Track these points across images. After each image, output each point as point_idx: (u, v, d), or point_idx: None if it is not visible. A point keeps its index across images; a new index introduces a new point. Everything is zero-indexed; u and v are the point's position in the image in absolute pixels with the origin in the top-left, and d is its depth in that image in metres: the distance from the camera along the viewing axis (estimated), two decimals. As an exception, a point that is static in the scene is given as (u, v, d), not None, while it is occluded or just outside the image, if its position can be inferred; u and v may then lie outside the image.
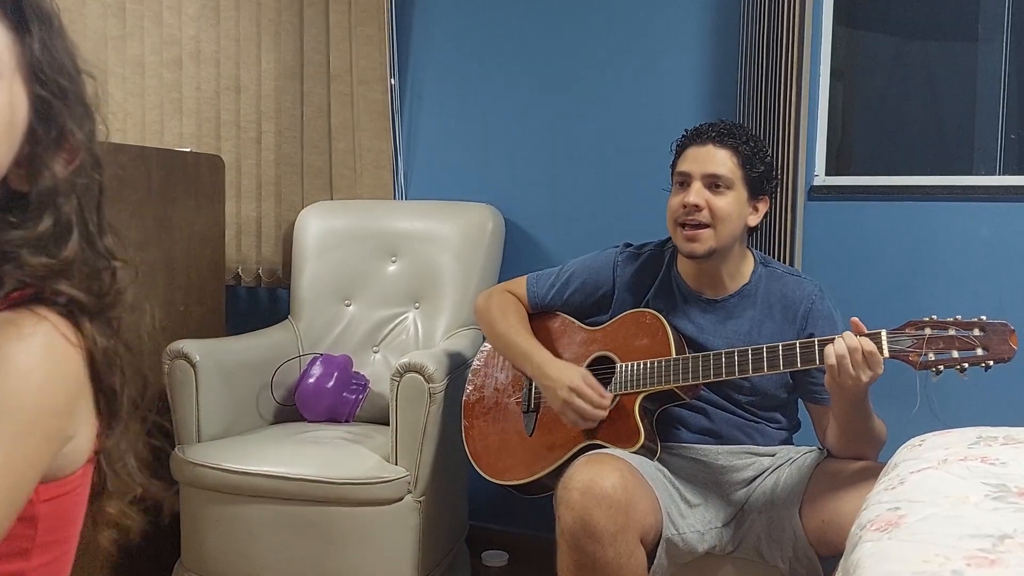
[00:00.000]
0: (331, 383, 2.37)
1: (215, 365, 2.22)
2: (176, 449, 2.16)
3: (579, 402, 1.74)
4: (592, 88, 2.55)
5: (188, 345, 2.20)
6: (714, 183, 1.74)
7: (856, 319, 1.55)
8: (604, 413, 1.74)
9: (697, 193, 1.74)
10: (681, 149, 1.82)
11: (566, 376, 1.77)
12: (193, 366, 2.17)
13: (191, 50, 2.91)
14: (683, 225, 1.76)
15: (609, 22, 2.52)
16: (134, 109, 3.00)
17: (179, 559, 2.18)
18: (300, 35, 2.76)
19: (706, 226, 1.74)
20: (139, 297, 0.78)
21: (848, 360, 1.49)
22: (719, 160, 1.75)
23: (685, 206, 1.74)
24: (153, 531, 0.88)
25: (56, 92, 0.73)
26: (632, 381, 1.76)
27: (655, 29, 2.47)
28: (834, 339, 1.53)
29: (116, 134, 2.91)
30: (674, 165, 1.83)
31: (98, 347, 0.72)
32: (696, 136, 1.79)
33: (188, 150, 2.73)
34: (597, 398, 1.74)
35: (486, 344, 2.06)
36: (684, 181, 1.78)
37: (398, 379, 2.02)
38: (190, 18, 2.91)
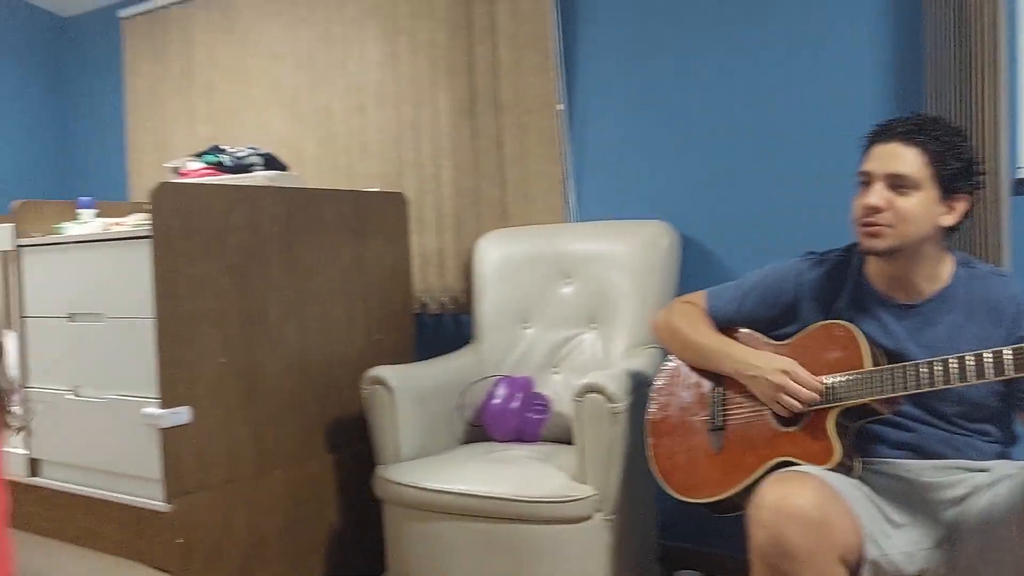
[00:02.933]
0: (515, 404, 2.44)
1: (409, 389, 2.35)
2: (377, 469, 2.29)
3: (793, 384, 1.70)
4: (763, 93, 2.49)
5: (384, 371, 2.35)
6: (897, 183, 1.66)
7: None
8: (818, 396, 1.69)
9: (878, 194, 1.66)
10: (867, 146, 1.74)
11: (776, 361, 1.74)
12: (390, 390, 2.31)
13: (374, 95, 3.11)
14: (865, 226, 1.69)
15: (776, 21, 2.46)
16: (326, 154, 3.24)
17: (384, 571, 2.31)
18: (472, 72, 2.88)
19: (888, 228, 1.66)
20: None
21: None
22: (904, 159, 1.65)
23: (865, 207, 1.67)
24: (361, 545, 0.97)
25: None
26: (826, 395, 1.70)
27: (827, 23, 2.39)
28: None
29: (311, 178, 3.16)
30: (861, 163, 1.76)
31: None
32: (881, 133, 1.71)
33: (375, 190, 2.91)
34: (812, 380, 1.69)
35: (667, 362, 2.05)
36: (866, 181, 1.70)
37: (580, 400, 2.05)
38: (372, 65, 3.11)
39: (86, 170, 4.24)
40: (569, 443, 2.16)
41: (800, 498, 1.48)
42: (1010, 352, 1.47)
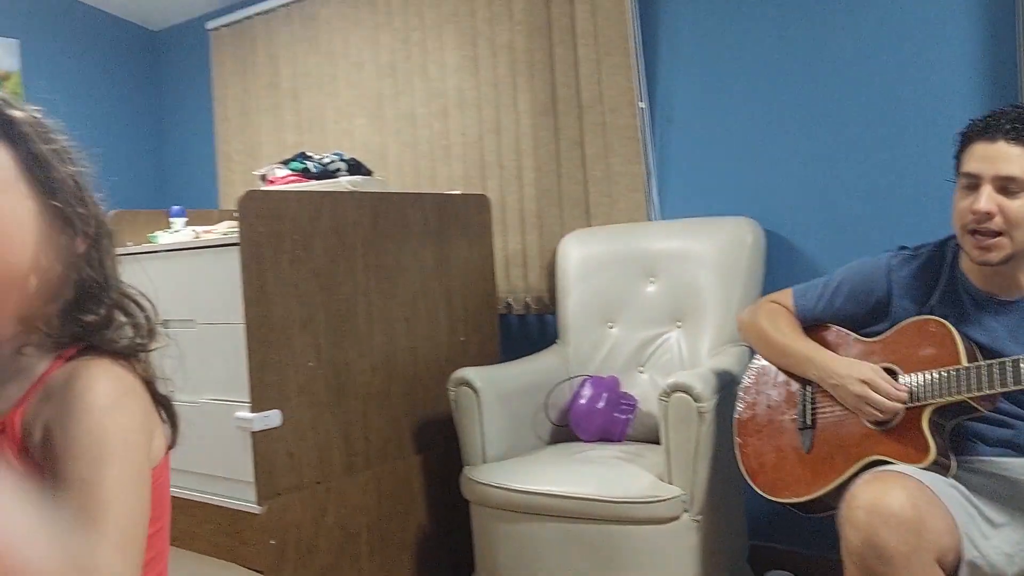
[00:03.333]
0: (601, 403, 2.44)
1: (495, 390, 2.38)
2: (465, 470, 2.33)
3: (874, 395, 1.66)
4: (850, 85, 2.43)
5: (470, 372, 2.38)
6: (1007, 185, 1.58)
7: None
8: (901, 407, 1.65)
9: (988, 198, 1.58)
10: (967, 143, 1.65)
11: (856, 370, 1.71)
12: (476, 392, 2.34)
13: (455, 99, 3.15)
14: (973, 232, 1.61)
15: (865, 12, 2.40)
16: (409, 158, 3.30)
17: (473, 571, 2.34)
18: (552, 73, 2.89)
19: (998, 233, 1.58)
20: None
21: None
22: (1013, 159, 1.57)
23: (975, 213, 1.59)
24: (449, 545, 1.00)
25: (54, 192, 0.86)
26: (918, 393, 1.65)
27: (918, 14, 2.32)
28: None
29: (394, 182, 3.22)
30: (959, 159, 1.67)
31: (144, 373, 0.90)
32: (985, 130, 1.61)
33: (457, 192, 2.95)
34: (893, 390, 1.66)
35: (755, 361, 2.02)
36: (973, 184, 1.61)
37: (666, 399, 2.05)
38: (452, 70, 3.15)
39: (180, 180, 4.41)
40: (656, 443, 2.15)
41: (895, 499, 1.45)
42: None
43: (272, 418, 2.14)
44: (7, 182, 0.84)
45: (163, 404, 0.93)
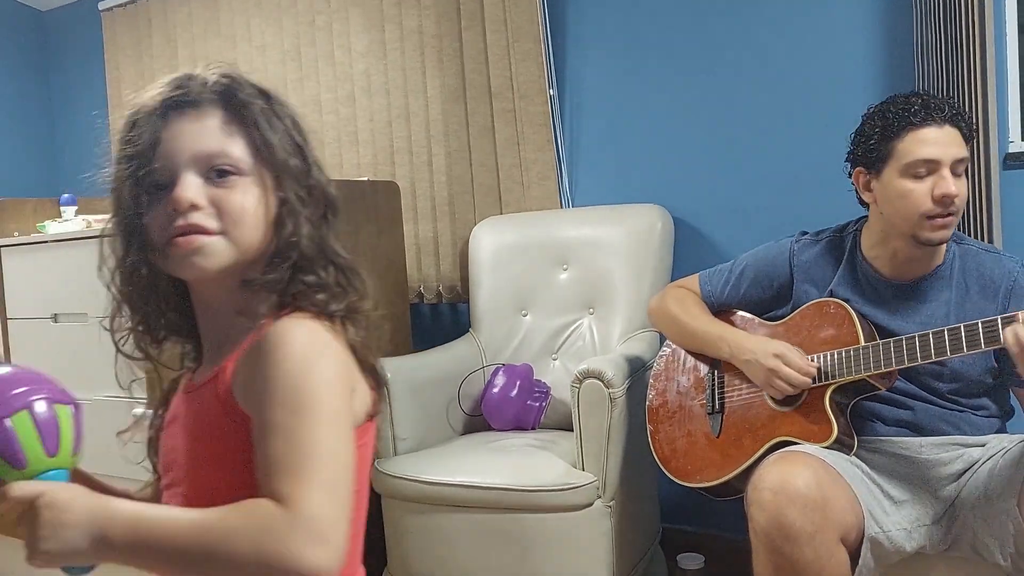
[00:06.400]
0: (515, 392, 2.43)
1: (406, 381, 2.34)
2: (375, 463, 2.29)
3: (786, 369, 1.70)
4: (753, 73, 2.48)
5: (380, 363, 2.33)
6: (959, 168, 1.62)
7: None
8: (810, 381, 1.69)
9: (955, 182, 1.61)
10: (901, 131, 1.63)
11: (770, 345, 1.74)
12: (385, 383, 2.29)
13: (362, 84, 3.08)
14: (932, 216, 1.62)
15: (768, 3, 2.44)
16: (317, 144, 3.20)
17: (386, 566, 2.31)
18: (461, 59, 2.86)
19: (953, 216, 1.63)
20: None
21: None
22: (961, 142, 1.63)
23: (946, 196, 1.60)
24: (363, 538, 0.99)
25: (289, 170, 0.92)
26: (820, 374, 1.70)
27: (816, 4, 2.38)
28: (1017, 317, 1.41)
29: (301, 171, 3.13)
30: (887, 147, 1.65)
31: (353, 338, 0.91)
32: (927, 117, 1.62)
33: (366, 179, 2.89)
34: (804, 364, 1.69)
35: (664, 348, 2.04)
36: (930, 169, 1.61)
37: (578, 385, 2.05)
38: (359, 54, 3.08)
39: (72, 167, 4.20)
40: (569, 430, 2.15)
41: (800, 479, 1.49)
42: (1002, 321, 1.47)
43: (173, 415, 2.05)
44: (247, 170, 0.90)
45: (369, 371, 0.93)
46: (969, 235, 1.99)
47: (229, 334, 0.92)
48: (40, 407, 0.85)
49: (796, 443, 1.68)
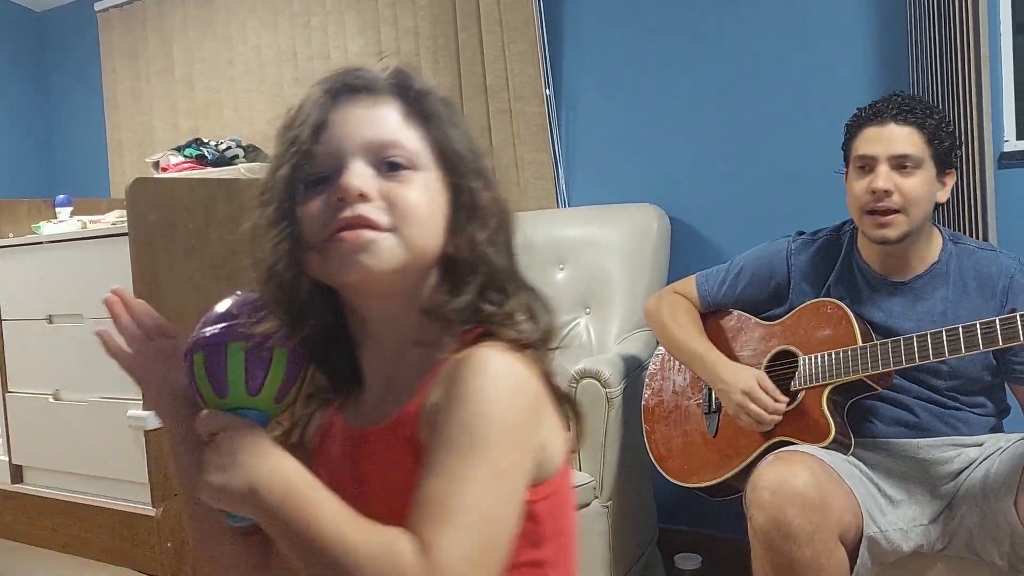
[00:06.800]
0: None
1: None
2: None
3: (753, 406, 1.71)
4: (749, 73, 2.48)
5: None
6: (902, 164, 1.64)
7: None
8: (778, 417, 1.70)
9: (885, 177, 1.64)
10: (856, 130, 1.72)
11: (740, 379, 1.74)
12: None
13: (358, 85, 3.07)
14: (872, 212, 1.66)
15: (763, 3, 2.45)
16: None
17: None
18: (457, 59, 2.85)
19: (896, 211, 1.64)
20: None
21: None
22: (904, 139, 1.65)
23: (874, 192, 1.64)
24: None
25: (470, 171, 0.83)
26: (817, 374, 1.70)
27: (812, 5, 2.38)
28: None
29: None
30: (848, 147, 1.74)
31: (543, 369, 0.81)
32: (874, 115, 1.69)
33: (362, 180, 2.88)
34: (771, 402, 1.70)
35: (660, 348, 2.04)
36: (867, 165, 1.68)
37: (575, 385, 2.04)
38: (354, 54, 3.08)
39: (68, 168, 4.19)
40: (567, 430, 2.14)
41: (799, 478, 1.49)
42: (998, 323, 1.48)
43: (167, 416, 2.05)
44: (423, 165, 0.81)
45: (566, 402, 0.84)
46: (965, 234, 1.99)
47: (399, 368, 0.82)
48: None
49: (793, 443, 1.68)
